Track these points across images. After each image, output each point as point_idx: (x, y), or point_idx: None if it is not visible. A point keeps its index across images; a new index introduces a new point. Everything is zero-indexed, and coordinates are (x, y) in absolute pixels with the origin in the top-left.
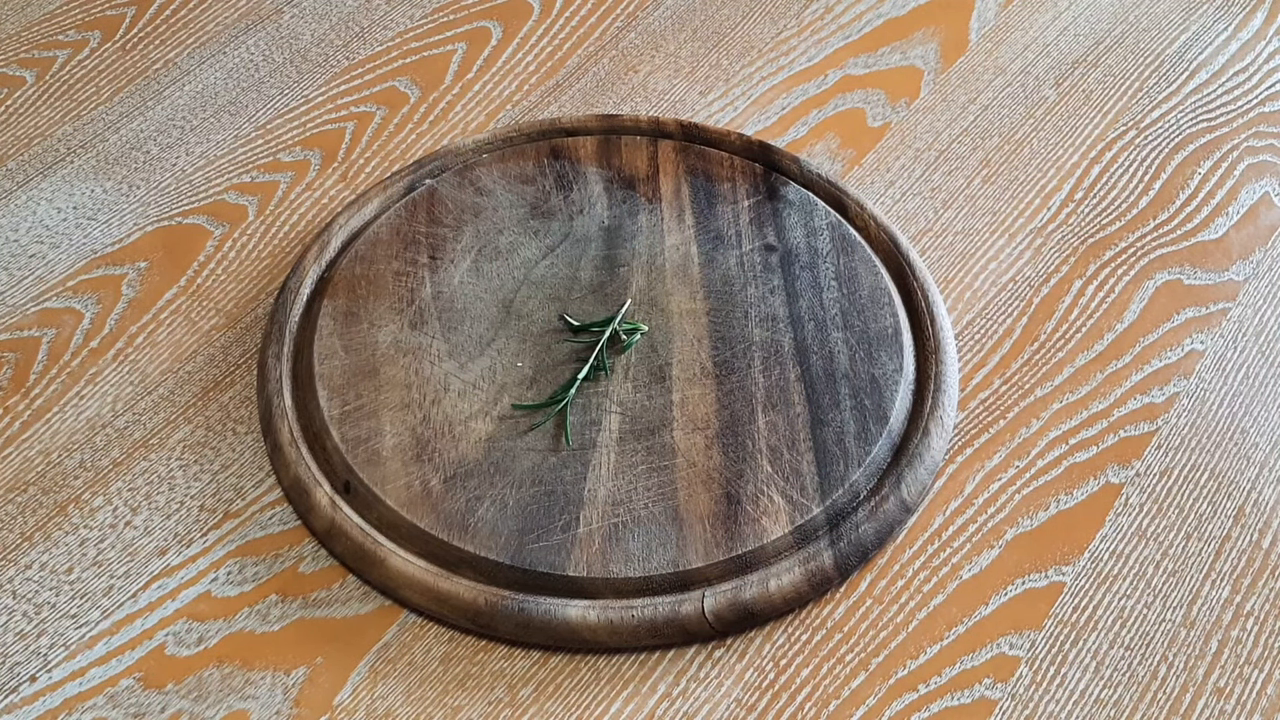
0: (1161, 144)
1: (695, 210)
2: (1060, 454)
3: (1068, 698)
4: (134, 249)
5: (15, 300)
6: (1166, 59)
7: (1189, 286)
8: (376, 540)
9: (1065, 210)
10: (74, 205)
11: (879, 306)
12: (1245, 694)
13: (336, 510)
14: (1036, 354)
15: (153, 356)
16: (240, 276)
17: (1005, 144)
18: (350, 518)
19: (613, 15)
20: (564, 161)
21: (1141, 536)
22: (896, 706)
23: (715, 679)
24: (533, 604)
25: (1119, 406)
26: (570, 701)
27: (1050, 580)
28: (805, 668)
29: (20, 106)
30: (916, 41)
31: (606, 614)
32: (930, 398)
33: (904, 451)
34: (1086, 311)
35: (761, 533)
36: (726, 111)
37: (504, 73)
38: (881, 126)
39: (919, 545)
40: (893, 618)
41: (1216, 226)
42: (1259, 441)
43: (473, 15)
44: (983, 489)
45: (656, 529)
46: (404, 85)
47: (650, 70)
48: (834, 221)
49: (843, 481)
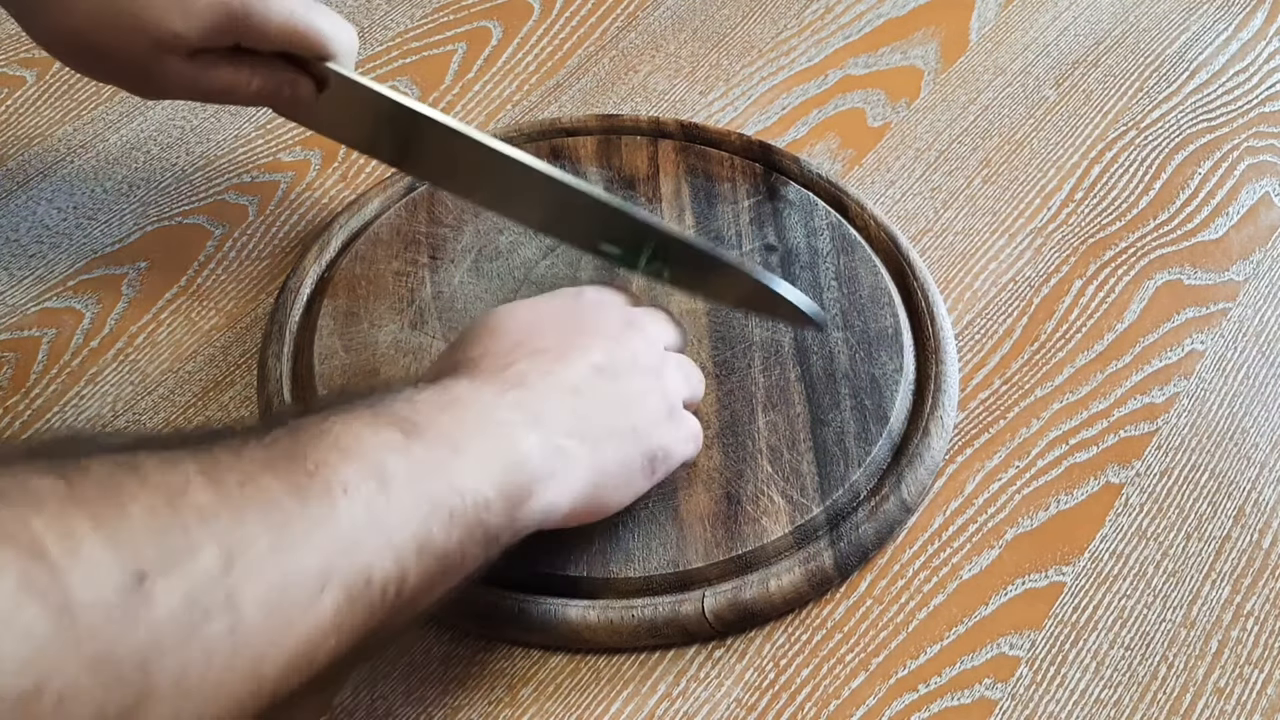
0: (1162, 144)
1: (695, 210)
2: (1060, 454)
3: (1068, 698)
4: (134, 249)
5: (15, 300)
6: (1167, 59)
7: (1189, 286)
8: None
9: (1065, 210)
10: (74, 205)
11: (879, 306)
12: (1245, 694)
13: None
14: (1037, 354)
15: (153, 356)
16: (240, 276)
17: (1005, 144)
18: None
19: (613, 15)
20: (564, 161)
21: (1142, 536)
22: (896, 706)
23: (715, 679)
24: (532, 604)
25: (1119, 406)
26: (570, 701)
27: (1050, 580)
28: (805, 668)
29: (20, 106)
30: (917, 41)
31: (606, 614)
32: (930, 398)
33: (904, 451)
34: (1087, 311)
35: (761, 533)
36: (727, 111)
37: (504, 73)
38: (882, 126)
39: (919, 545)
40: (893, 618)
41: (1217, 226)
42: (1259, 442)
43: (472, 15)
44: (983, 489)
45: (656, 529)
46: (403, 85)
47: (650, 70)
48: (834, 221)
49: (843, 481)
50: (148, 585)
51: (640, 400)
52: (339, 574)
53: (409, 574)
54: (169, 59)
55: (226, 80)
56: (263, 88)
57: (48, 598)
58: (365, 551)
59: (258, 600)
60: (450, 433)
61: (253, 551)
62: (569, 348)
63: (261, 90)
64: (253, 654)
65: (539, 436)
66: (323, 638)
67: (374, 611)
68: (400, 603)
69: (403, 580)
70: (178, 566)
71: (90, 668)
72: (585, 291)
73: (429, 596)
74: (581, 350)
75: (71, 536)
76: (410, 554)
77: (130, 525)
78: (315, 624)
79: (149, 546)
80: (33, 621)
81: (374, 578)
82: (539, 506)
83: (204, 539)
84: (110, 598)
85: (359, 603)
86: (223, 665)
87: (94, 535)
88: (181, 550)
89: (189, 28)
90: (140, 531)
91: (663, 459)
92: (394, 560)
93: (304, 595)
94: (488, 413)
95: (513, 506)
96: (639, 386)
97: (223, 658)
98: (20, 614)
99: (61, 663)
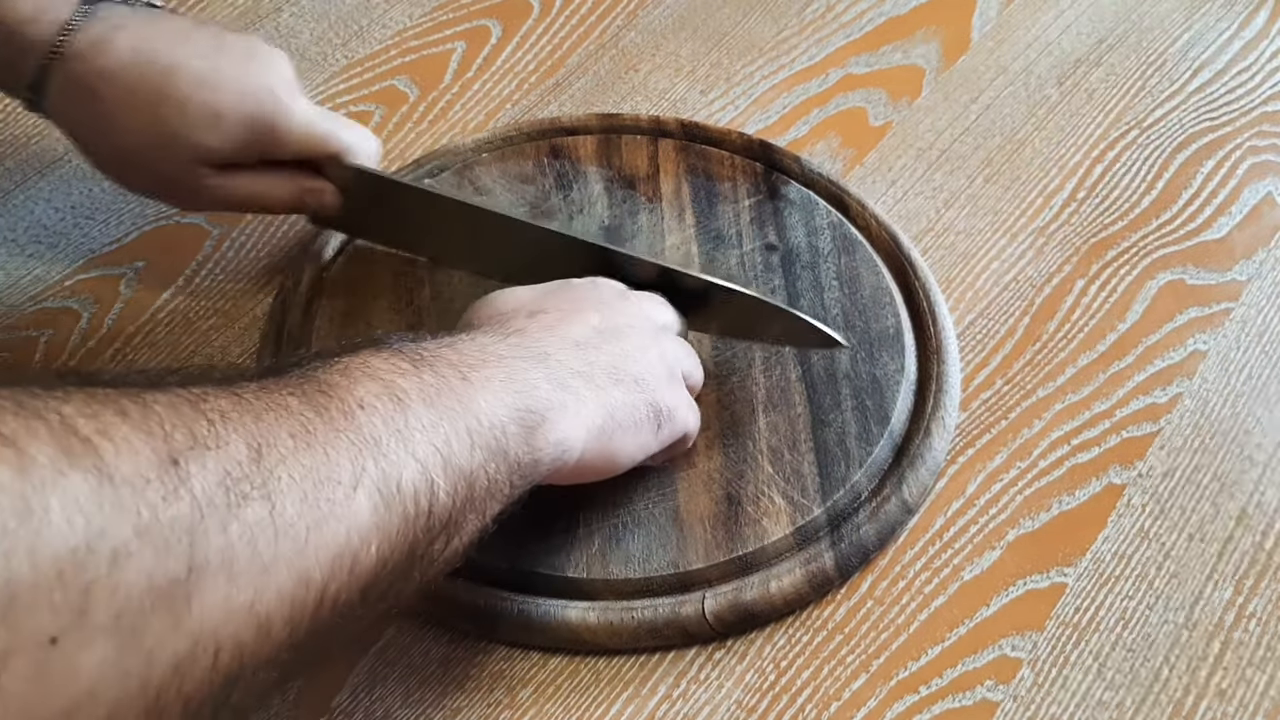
0: (1164, 143)
1: (696, 210)
2: (1062, 455)
3: (1070, 699)
4: (131, 249)
5: (13, 300)
6: (1169, 58)
7: (1191, 286)
8: None
9: (1068, 210)
10: (71, 205)
11: (880, 306)
12: (1248, 696)
13: None
14: (1039, 354)
15: (150, 357)
16: (238, 276)
17: (1007, 143)
18: None
19: (613, 14)
20: (564, 161)
21: (1144, 537)
22: (898, 708)
23: (715, 680)
24: (532, 605)
25: (1121, 407)
26: (570, 703)
27: (1052, 581)
28: (806, 669)
29: (18, 105)
30: (918, 40)
31: (606, 615)
32: (932, 398)
33: (905, 452)
34: (1089, 311)
35: (762, 534)
36: (727, 110)
37: (503, 72)
38: (883, 125)
39: (920, 546)
40: (894, 619)
41: (1219, 226)
42: (1262, 442)
43: (472, 14)
44: (984, 490)
45: (656, 530)
46: (403, 84)
47: (651, 69)
48: (835, 221)
49: (844, 482)
50: (182, 467)
51: (641, 355)
52: (368, 475)
53: (438, 488)
54: (203, 171)
55: (253, 189)
56: (288, 195)
57: (88, 467)
58: (391, 458)
59: (292, 489)
60: (456, 364)
61: (280, 448)
62: (567, 312)
63: (287, 198)
64: (296, 545)
65: (545, 372)
66: (363, 541)
67: (410, 522)
68: (434, 520)
69: (433, 493)
70: (209, 452)
71: (138, 532)
72: (579, 280)
73: (462, 523)
74: (578, 314)
75: (101, 419)
76: (436, 467)
77: (157, 416)
78: (353, 521)
79: (178, 433)
80: (77, 485)
81: (404, 484)
82: (555, 438)
83: (230, 433)
84: (149, 473)
85: (394, 508)
86: (267, 551)
87: (122, 423)
88: (209, 438)
89: (222, 141)
90: (167, 421)
91: (667, 416)
92: (420, 471)
93: (337, 491)
94: (490, 349)
95: (528, 433)
96: (639, 343)
97: (266, 543)
98: (63, 480)
99: (109, 524)
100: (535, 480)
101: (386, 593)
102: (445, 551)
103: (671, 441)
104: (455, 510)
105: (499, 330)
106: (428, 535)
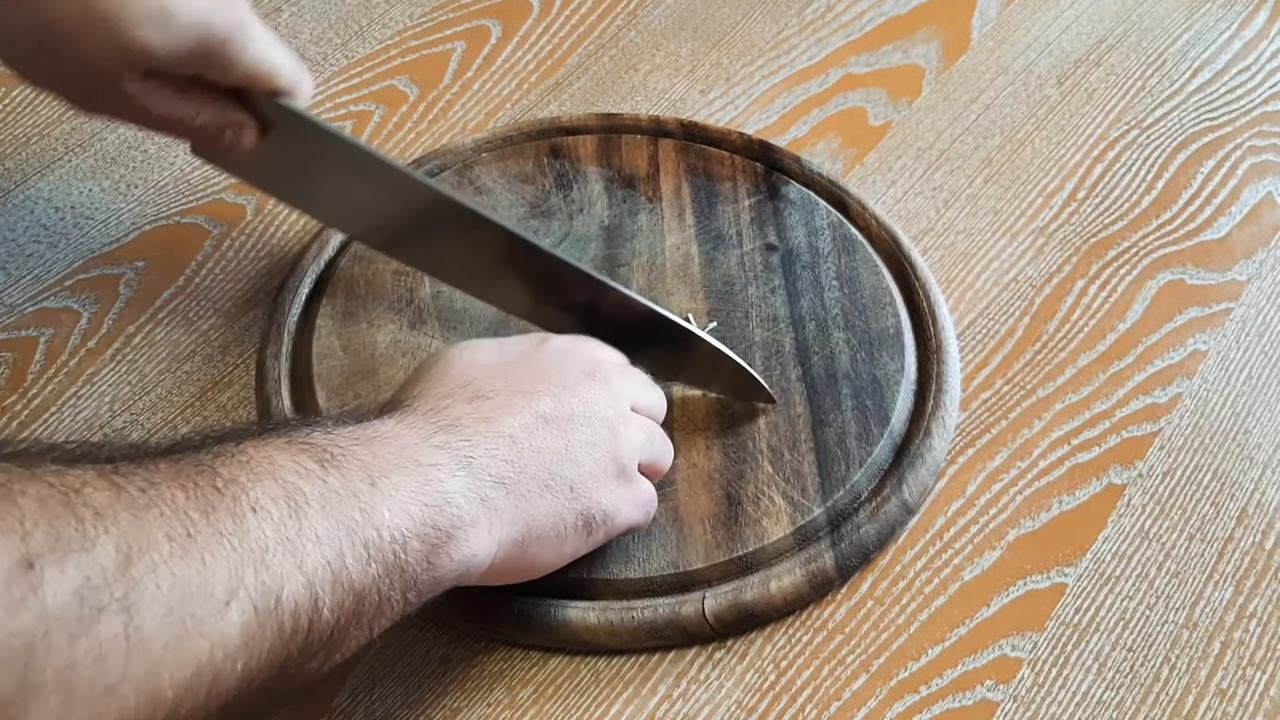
0: (1164, 143)
1: (696, 209)
2: (1062, 455)
3: (1070, 699)
4: (132, 248)
5: (12, 300)
6: (1169, 58)
7: (1191, 286)
8: None
9: (1068, 209)
10: (71, 205)
11: (880, 306)
12: (1248, 696)
13: None
14: (1039, 354)
15: (151, 356)
16: (238, 276)
17: (1007, 143)
18: None
19: (613, 14)
20: (564, 160)
21: (1144, 537)
22: (898, 708)
23: (715, 680)
24: (532, 605)
25: (1121, 407)
26: (570, 703)
27: (1052, 581)
28: (806, 669)
29: (18, 105)
30: (918, 40)
31: (606, 615)
32: (932, 398)
33: (905, 452)
34: (1089, 311)
35: (762, 534)
36: (727, 110)
37: (503, 71)
38: (883, 125)
39: (920, 546)
40: (894, 619)
41: (1219, 226)
42: (1262, 442)
43: (472, 14)
44: (984, 490)
45: (656, 530)
46: (403, 84)
47: (650, 69)
48: (835, 221)
49: (844, 482)
50: (37, 573)
51: (585, 454)
52: (246, 589)
53: (322, 604)
54: (125, 73)
55: (174, 109)
56: (207, 124)
57: None
58: (275, 570)
59: (157, 605)
60: (368, 466)
61: (153, 554)
62: (516, 394)
63: (205, 126)
64: (149, 663)
65: (464, 482)
66: (227, 658)
67: (285, 639)
68: (313, 637)
69: (315, 609)
70: (70, 557)
71: None
72: (554, 339)
73: (344, 639)
74: (528, 397)
75: None
76: (324, 582)
77: (19, 513)
78: (220, 639)
79: (39, 534)
80: None
81: (284, 599)
82: (460, 556)
83: (100, 535)
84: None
85: (268, 625)
86: (115, 671)
87: None
88: (75, 541)
89: (163, 43)
90: (30, 520)
91: (602, 521)
92: (305, 585)
93: (208, 606)
94: (408, 452)
95: (431, 550)
96: (585, 438)
97: (115, 661)
98: None
99: None
100: (433, 595)
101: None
102: (321, 669)
103: (608, 540)
104: (338, 628)
105: (429, 419)
106: (303, 654)
